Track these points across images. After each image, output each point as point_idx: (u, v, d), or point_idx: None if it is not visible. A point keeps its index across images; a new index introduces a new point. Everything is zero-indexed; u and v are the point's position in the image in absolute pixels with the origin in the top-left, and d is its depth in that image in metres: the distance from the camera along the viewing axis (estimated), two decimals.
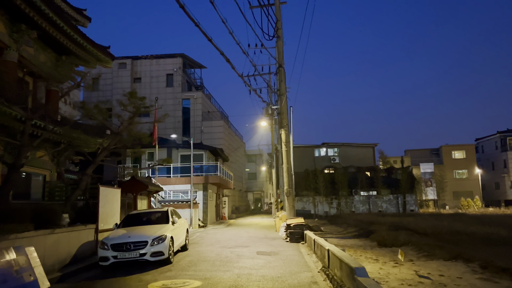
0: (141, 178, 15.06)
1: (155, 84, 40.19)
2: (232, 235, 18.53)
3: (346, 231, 19.49)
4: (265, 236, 17.80)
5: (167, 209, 11.96)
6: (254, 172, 62.83)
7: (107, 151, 11.29)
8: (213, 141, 37.84)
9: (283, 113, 17.31)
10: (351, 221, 23.29)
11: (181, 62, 40.61)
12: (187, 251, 12.61)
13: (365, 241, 15.19)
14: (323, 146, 49.90)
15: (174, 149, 29.45)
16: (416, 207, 36.84)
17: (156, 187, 16.71)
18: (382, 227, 16.76)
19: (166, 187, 27.58)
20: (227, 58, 11.51)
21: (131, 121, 11.23)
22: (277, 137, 31.54)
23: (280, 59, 17.30)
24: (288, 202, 16.94)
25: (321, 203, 36.93)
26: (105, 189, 12.11)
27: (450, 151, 56.47)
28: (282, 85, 17.36)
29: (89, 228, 11.26)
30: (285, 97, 17.29)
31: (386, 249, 12.16)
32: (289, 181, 17.03)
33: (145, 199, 16.39)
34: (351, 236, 17.43)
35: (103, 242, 9.84)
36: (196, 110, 39.69)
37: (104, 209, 12.14)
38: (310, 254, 11.29)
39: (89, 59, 18.26)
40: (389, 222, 19.37)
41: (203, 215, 27.62)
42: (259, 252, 12.04)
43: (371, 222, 21.26)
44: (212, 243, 15.17)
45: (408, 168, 38.11)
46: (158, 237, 9.94)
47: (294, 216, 16.89)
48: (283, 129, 17.18)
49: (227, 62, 11.77)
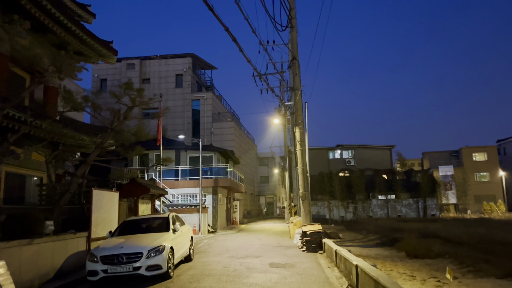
0: (142, 181, 13.77)
1: (164, 85, 39.10)
2: (243, 243, 17.10)
3: (366, 238, 17.89)
4: (279, 244, 16.32)
5: (168, 214, 10.59)
6: (266, 176, 61.31)
7: (100, 150, 10.00)
8: (223, 143, 36.50)
9: (297, 110, 15.86)
10: (371, 227, 21.63)
11: (190, 62, 39.47)
12: (191, 262, 11.22)
13: (390, 251, 13.60)
14: (337, 148, 48.19)
15: (182, 151, 28.17)
16: (438, 212, 34.88)
17: (160, 190, 15.39)
18: (408, 235, 15.13)
19: (174, 191, 26.30)
20: (240, 47, 10.20)
21: (127, 114, 9.93)
22: (290, 138, 30.04)
23: (294, 50, 15.88)
24: (304, 207, 15.45)
25: (336, 208, 35.25)
26: (99, 192, 10.82)
27: (471, 153, 54.13)
28: (296, 79, 15.92)
29: (80, 237, 9.96)
30: (300, 92, 15.84)
31: (418, 261, 10.57)
32: (305, 184, 15.54)
33: (147, 204, 15.09)
34: (373, 245, 15.84)
35: (92, 254, 8.52)
36: (206, 111, 38.46)
37: (99, 215, 10.85)
38: (331, 268, 9.78)
39: (90, 54, 17.13)
40: (414, 229, 17.69)
41: (212, 220, 26.24)
42: (272, 264, 10.57)
43: (394, 228, 19.59)
44: (220, 252, 13.75)
45: (428, 171, 36.21)
46: (155, 248, 8.56)
47: (310, 222, 15.38)
48: (298, 127, 15.72)
49: (240, 52, 10.47)
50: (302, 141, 15.74)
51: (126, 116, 9.96)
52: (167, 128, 37.17)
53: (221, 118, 40.76)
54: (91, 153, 10.03)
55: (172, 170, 27.14)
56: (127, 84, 10.34)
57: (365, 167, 41.61)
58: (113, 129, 9.91)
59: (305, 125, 16.19)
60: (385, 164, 45.56)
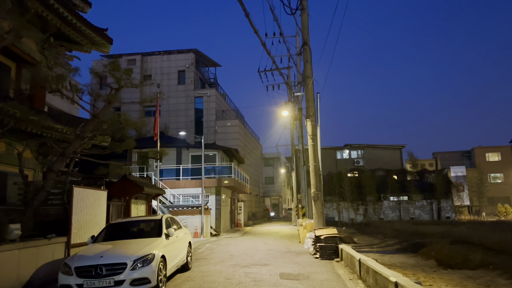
0: (135, 178, 12.27)
1: (166, 82, 37.67)
2: (248, 247, 15.54)
3: (384, 243, 16.25)
4: (288, 249, 14.74)
5: (160, 216, 9.06)
6: (272, 177, 59.70)
7: (80, 140, 8.51)
8: (227, 142, 34.96)
9: (308, 101, 14.30)
10: (387, 231, 19.97)
11: (193, 58, 38.03)
12: (188, 272, 9.68)
13: (416, 258, 11.97)
14: (345, 148, 46.45)
15: (184, 149, 26.68)
16: (454, 214, 33.11)
17: (157, 190, 13.87)
18: (437, 240, 13.49)
19: (175, 191, 24.80)
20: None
21: (111, 98, 8.42)
22: (297, 135, 28.47)
23: (305, 35, 14.32)
24: (316, 208, 13.86)
25: (346, 209, 33.56)
26: (82, 190, 9.31)
27: (484, 153, 52.21)
28: (307, 66, 14.37)
29: (56, 243, 8.46)
30: (312, 81, 14.28)
31: (455, 272, 8.95)
32: (317, 182, 13.95)
33: (143, 204, 13.58)
34: (393, 251, 14.21)
35: (65, 264, 7.01)
36: (210, 109, 36.97)
37: (81, 217, 9.34)
38: (355, 280, 8.19)
39: (82, 42, 15.68)
40: (437, 233, 16.05)
41: (215, 222, 24.69)
42: (283, 275, 9.00)
43: (413, 232, 17.94)
44: (222, 259, 12.20)
45: (443, 171, 34.46)
46: (143, 257, 7.04)
47: (323, 225, 13.79)
48: (309, 120, 14.15)
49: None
50: (314, 135, 14.16)
51: (110, 100, 8.45)
52: (169, 127, 35.73)
53: (225, 116, 39.25)
54: (69, 144, 8.53)
55: (172, 169, 25.65)
56: (112, 63, 8.84)
57: (374, 167, 39.87)
58: (96, 116, 8.40)
59: (317, 117, 14.63)
60: (395, 164, 43.77)
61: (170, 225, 9.18)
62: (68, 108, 23.59)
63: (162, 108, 37.37)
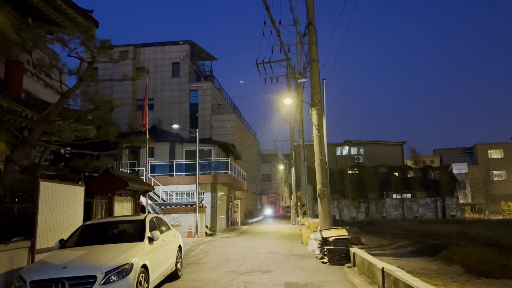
0: (119, 172, 10.83)
1: (159, 74, 36.17)
2: (246, 250, 14.14)
3: (395, 244, 14.86)
4: (291, 252, 13.34)
5: (144, 217, 7.62)
6: (269, 174, 58.37)
7: (46, 124, 7.05)
8: (223, 137, 33.52)
9: (314, 87, 12.88)
10: (394, 230, 18.64)
11: (188, 50, 36.49)
12: (177, 281, 8.26)
13: (436, 263, 10.61)
14: (345, 144, 45.16)
15: (177, 144, 25.21)
16: (459, 212, 31.87)
17: (145, 186, 12.42)
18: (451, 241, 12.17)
19: (168, 188, 23.35)
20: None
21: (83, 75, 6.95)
22: (297, 129, 27.09)
23: (310, 14, 12.90)
24: (322, 207, 12.48)
25: (347, 207, 32.24)
26: (50, 185, 7.86)
27: (486, 149, 51.08)
28: (312, 49, 12.95)
29: (17, 248, 7.01)
30: (318, 65, 12.87)
31: (493, 282, 7.58)
32: (323, 178, 12.56)
33: (128, 202, 12.13)
34: (407, 253, 12.83)
35: (20, 278, 5.58)
36: (205, 103, 35.49)
37: (50, 217, 7.90)
38: None
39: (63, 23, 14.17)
40: (453, 233, 14.72)
41: (211, 221, 23.27)
42: (289, 285, 7.62)
43: (424, 232, 16.61)
44: (218, 263, 10.78)
45: (448, 167, 33.19)
46: (117, 268, 5.61)
47: (331, 225, 12.40)
48: (315, 108, 12.74)
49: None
50: (320, 125, 12.76)
51: (82, 77, 7.00)
52: (162, 121, 34.25)
53: (221, 110, 37.78)
54: (33, 130, 7.07)
55: (165, 165, 24.20)
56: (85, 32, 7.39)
57: (374, 164, 38.64)
58: (64, 95, 6.94)
59: (323, 106, 13.21)
60: (396, 161, 42.52)
61: (155, 226, 7.75)
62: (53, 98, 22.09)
63: (155, 101, 35.88)
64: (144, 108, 13.75)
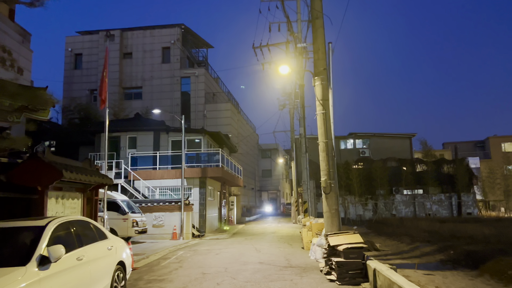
0: (53, 158, 8.02)
1: (148, 60, 33.29)
2: (232, 258, 11.31)
3: (418, 250, 12.02)
4: (288, 261, 10.49)
5: (45, 222, 4.78)
6: (269, 169, 55.44)
7: None
8: (218, 128, 30.59)
9: (318, 51, 10.00)
10: (412, 231, 15.78)
11: (179, 34, 33.57)
12: None
13: (484, 280, 7.80)
14: (350, 137, 42.19)
15: (163, 133, 22.37)
16: (476, 209, 28.97)
17: (98, 178, 9.58)
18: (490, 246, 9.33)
19: (150, 183, 20.55)
20: None
21: None
22: (298, 117, 24.20)
23: None
24: (328, 204, 9.62)
25: (352, 205, 29.37)
26: None
27: (500, 143, 48.05)
28: (315, 1, 10.06)
29: None
30: (322, 22, 9.99)
31: None
32: (329, 167, 9.69)
33: (76, 199, 9.31)
34: (437, 264, 10.00)
35: None
36: (198, 91, 32.58)
37: None
38: None
39: None
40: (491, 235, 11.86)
41: (199, 220, 20.45)
42: None
43: (450, 233, 13.75)
44: (187, 281, 7.95)
45: (464, 160, 30.24)
46: None
47: (339, 228, 9.52)
48: (318, 78, 9.86)
49: None
50: (325, 100, 9.88)
51: None
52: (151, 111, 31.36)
53: (215, 99, 34.87)
54: None
55: (149, 157, 21.38)
56: None
57: (381, 157, 35.77)
58: None
59: (329, 76, 10.34)
60: (404, 154, 39.57)
61: (71, 237, 4.92)
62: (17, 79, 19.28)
63: (144, 90, 33.05)
64: (104, 80, 10.87)
